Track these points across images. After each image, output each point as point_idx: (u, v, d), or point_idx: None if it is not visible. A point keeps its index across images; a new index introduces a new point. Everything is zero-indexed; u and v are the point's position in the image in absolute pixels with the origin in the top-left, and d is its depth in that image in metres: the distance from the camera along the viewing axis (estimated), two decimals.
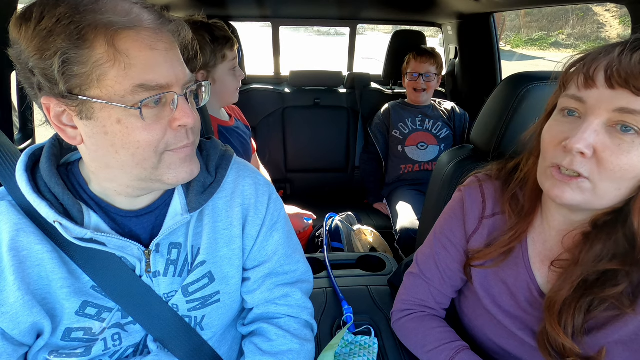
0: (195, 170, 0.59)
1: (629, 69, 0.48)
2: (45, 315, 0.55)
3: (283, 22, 2.38)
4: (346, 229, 1.60)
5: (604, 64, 0.51)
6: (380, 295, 1.02)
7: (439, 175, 1.05)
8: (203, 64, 1.18)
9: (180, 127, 0.54)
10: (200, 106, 0.61)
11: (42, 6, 0.47)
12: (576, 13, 14.33)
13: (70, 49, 0.46)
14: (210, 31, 1.18)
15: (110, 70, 0.48)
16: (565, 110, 0.56)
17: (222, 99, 1.31)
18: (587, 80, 0.52)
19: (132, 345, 0.63)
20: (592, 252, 0.57)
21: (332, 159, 2.24)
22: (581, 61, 0.55)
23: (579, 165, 0.52)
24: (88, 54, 0.47)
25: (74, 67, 0.47)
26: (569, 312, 0.57)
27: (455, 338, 0.74)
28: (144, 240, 0.62)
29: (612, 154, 0.50)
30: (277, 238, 0.72)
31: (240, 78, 1.30)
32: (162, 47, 0.51)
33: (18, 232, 0.54)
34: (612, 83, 0.50)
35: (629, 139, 0.50)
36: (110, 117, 0.50)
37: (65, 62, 0.46)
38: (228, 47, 1.21)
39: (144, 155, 0.52)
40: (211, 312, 0.67)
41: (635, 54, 0.49)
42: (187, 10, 2.14)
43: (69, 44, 0.46)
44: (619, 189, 0.52)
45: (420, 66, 1.90)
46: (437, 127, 1.95)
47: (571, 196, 0.54)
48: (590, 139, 0.51)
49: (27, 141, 1.12)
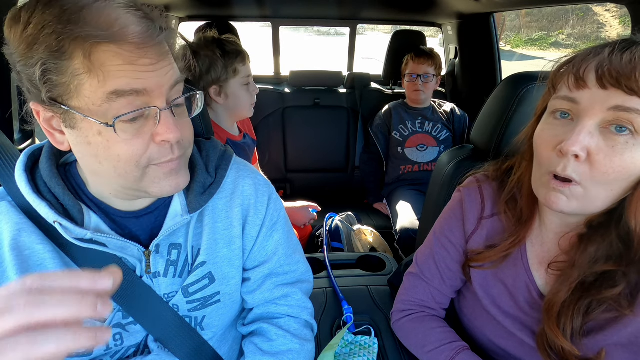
0: (182, 183, 0.57)
1: (620, 69, 0.48)
2: None
3: (283, 22, 2.38)
4: (346, 229, 1.60)
5: (594, 64, 0.51)
6: (380, 295, 1.02)
7: (439, 175, 1.05)
8: (215, 78, 1.18)
9: (164, 142, 0.52)
10: (193, 116, 0.59)
11: (29, 11, 0.46)
12: (576, 13, 14.33)
13: (49, 59, 0.45)
14: (221, 46, 1.19)
15: (87, 81, 0.46)
16: (557, 112, 0.55)
17: (235, 114, 1.30)
18: (577, 80, 0.52)
19: (133, 345, 0.63)
20: (587, 253, 0.57)
21: (332, 159, 2.24)
22: (570, 62, 0.55)
23: (571, 170, 0.52)
24: (67, 64, 0.46)
25: (54, 76, 0.46)
26: (567, 314, 0.57)
27: (455, 338, 0.74)
28: (143, 241, 0.61)
29: (605, 156, 0.50)
30: (277, 238, 0.72)
31: (254, 93, 1.29)
32: (145, 62, 0.48)
33: (20, 232, 0.54)
34: (604, 83, 0.49)
35: (623, 139, 0.49)
36: (92, 129, 0.49)
37: (45, 71, 0.46)
38: (239, 61, 1.21)
39: (126, 168, 0.52)
40: (211, 313, 0.67)
41: (626, 54, 0.49)
42: (187, 10, 2.14)
43: (49, 54, 0.45)
44: (611, 191, 0.52)
45: (418, 67, 1.90)
46: (437, 129, 1.95)
47: (566, 204, 0.54)
48: (585, 141, 0.50)
49: (26, 141, 1.12)
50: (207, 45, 1.18)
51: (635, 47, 0.50)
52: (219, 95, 1.22)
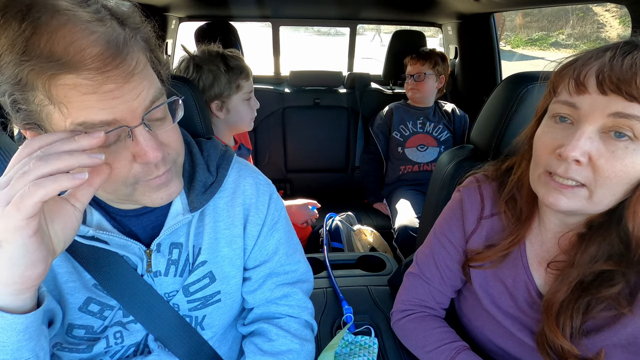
0: (174, 192, 0.56)
1: (620, 75, 0.48)
2: (56, 303, 0.55)
3: (283, 22, 2.38)
4: (346, 229, 1.61)
5: (594, 69, 0.51)
6: (380, 295, 1.02)
7: (439, 175, 1.06)
8: (218, 93, 1.17)
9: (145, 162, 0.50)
10: (175, 122, 0.55)
11: None
12: (576, 13, 14.32)
13: (15, 91, 0.43)
14: (225, 61, 1.17)
15: (53, 112, 0.44)
16: (557, 116, 0.55)
17: (235, 128, 1.29)
18: (578, 85, 0.52)
19: (133, 345, 0.63)
20: (587, 253, 0.57)
21: (332, 159, 2.24)
22: (570, 65, 0.55)
23: (574, 173, 0.52)
24: (31, 95, 0.43)
25: (23, 106, 0.45)
26: (566, 313, 0.57)
27: (455, 338, 0.74)
28: (144, 240, 0.62)
29: (606, 161, 0.50)
30: (277, 238, 0.72)
31: (255, 107, 1.28)
32: (108, 88, 0.43)
33: None
34: (604, 89, 0.49)
35: (623, 145, 0.49)
36: None
37: (14, 102, 0.44)
38: (243, 77, 1.20)
39: (114, 187, 0.51)
40: (212, 312, 0.67)
41: (627, 59, 0.48)
42: (187, 10, 2.14)
43: (12, 86, 0.43)
44: (614, 195, 0.52)
45: (413, 68, 1.95)
46: (438, 129, 1.96)
47: (566, 204, 0.54)
48: (585, 146, 0.50)
49: None
50: (211, 60, 1.16)
51: (636, 51, 0.49)
52: (220, 110, 1.20)
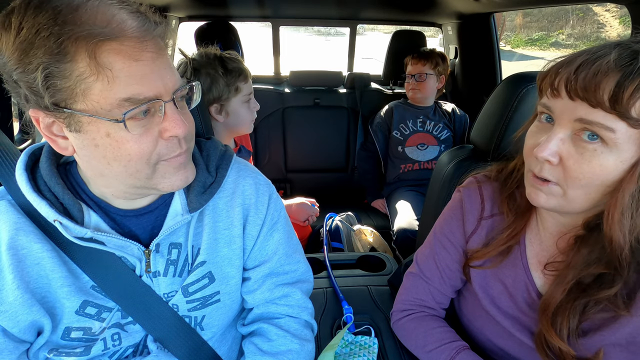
0: (190, 176, 0.58)
1: (586, 82, 0.49)
2: (44, 314, 0.55)
3: (283, 22, 2.38)
4: (346, 229, 1.60)
5: (565, 76, 0.52)
6: (380, 295, 1.02)
7: (439, 175, 1.05)
8: (216, 97, 1.14)
9: (172, 137, 0.53)
10: (192, 108, 0.59)
11: (20, 15, 0.44)
12: (576, 13, 14.32)
13: (51, 63, 0.44)
14: (223, 63, 1.14)
15: (94, 84, 0.46)
16: (542, 115, 0.58)
17: (235, 131, 1.26)
18: (552, 90, 0.54)
19: (131, 346, 0.63)
20: (580, 255, 0.58)
21: (332, 159, 2.24)
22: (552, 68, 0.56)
23: (546, 172, 0.55)
24: (70, 67, 0.45)
25: (57, 81, 0.45)
26: (563, 314, 0.58)
27: (455, 338, 0.74)
28: (143, 240, 0.62)
29: (575, 162, 0.52)
30: (277, 238, 0.72)
31: (254, 109, 1.25)
32: (147, 57, 0.48)
33: (17, 231, 0.54)
34: (571, 95, 0.51)
35: (592, 147, 0.51)
36: (99, 131, 0.49)
37: (47, 76, 0.45)
38: (242, 79, 1.18)
39: (137, 167, 0.52)
40: (211, 312, 0.67)
41: (593, 67, 0.49)
42: (187, 10, 2.14)
43: (50, 58, 0.44)
44: (588, 194, 0.54)
45: (413, 68, 1.95)
46: (438, 128, 1.96)
47: (544, 200, 0.57)
48: (554, 147, 0.53)
49: (27, 141, 1.12)
50: (209, 63, 1.13)
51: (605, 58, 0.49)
52: (220, 113, 1.18)
